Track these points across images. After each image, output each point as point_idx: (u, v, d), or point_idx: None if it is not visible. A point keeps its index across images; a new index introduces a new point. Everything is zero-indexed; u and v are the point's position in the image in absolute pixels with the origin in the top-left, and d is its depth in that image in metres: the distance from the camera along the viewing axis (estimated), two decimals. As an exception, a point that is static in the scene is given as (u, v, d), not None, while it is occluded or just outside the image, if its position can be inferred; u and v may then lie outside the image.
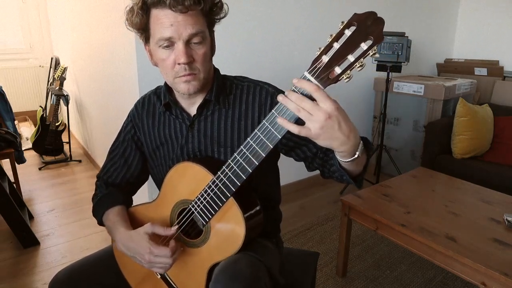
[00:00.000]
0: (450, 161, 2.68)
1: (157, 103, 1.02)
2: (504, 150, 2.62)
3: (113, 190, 1.06)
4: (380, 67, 2.70)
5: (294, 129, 0.67)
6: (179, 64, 0.83)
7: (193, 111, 0.96)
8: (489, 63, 3.40)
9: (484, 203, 1.74)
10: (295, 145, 0.95)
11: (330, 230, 2.30)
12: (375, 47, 0.62)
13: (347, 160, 0.75)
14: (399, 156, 3.11)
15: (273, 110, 0.70)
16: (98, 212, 1.03)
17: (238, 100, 0.95)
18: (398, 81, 3.04)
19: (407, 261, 2.01)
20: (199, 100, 0.94)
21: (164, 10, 0.80)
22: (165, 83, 0.98)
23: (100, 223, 1.04)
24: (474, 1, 3.61)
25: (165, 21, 0.80)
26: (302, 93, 0.66)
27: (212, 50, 0.90)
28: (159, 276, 0.97)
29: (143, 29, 0.86)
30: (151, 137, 1.02)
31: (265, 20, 2.37)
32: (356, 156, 0.73)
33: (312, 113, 0.65)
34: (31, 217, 2.44)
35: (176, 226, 0.90)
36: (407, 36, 2.58)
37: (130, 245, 0.90)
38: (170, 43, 0.82)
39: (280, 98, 0.67)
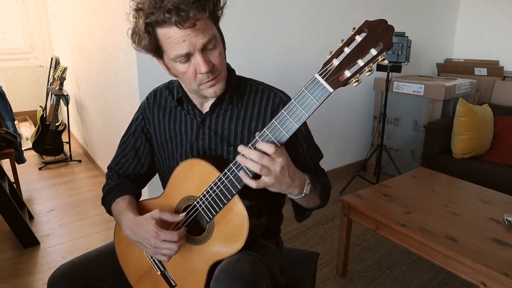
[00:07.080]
0: (450, 161, 2.68)
1: (169, 97, 1.02)
2: (504, 150, 2.62)
3: (125, 180, 1.07)
4: (380, 67, 2.70)
5: (253, 184, 0.76)
6: (201, 73, 0.83)
7: (205, 108, 0.97)
8: (489, 63, 3.40)
9: (484, 203, 1.74)
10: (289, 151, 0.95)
11: (330, 230, 2.30)
12: (384, 53, 0.65)
13: (297, 197, 0.85)
14: (399, 156, 3.10)
15: (282, 110, 0.74)
16: (108, 200, 1.03)
17: (251, 102, 0.96)
18: (398, 81, 3.04)
19: (407, 261, 2.01)
20: (212, 98, 0.94)
21: (171, 28, 0.78)
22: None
23: (109, 211, 1.04)
24: (474, 1, 3.61)
25: (176, 38, 0.78)
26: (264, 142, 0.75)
27: (224, 45, 0.90)
28: (159, 273, 0.97)
29: (155, 50, 0.84)
30: (160, 130, 1.03)
31: (270, 25, 2.37)
32: (303, 194, 0.84)
33: (270, 168, 0.74)
34: (31, 217, 2.44)
35: (184, 213, 0.90)
36: (407, 36, 2.58)
37: (136, 230, 0.90)
38: (187, 57, 0.82)
39: (239, 158, 0.76)
